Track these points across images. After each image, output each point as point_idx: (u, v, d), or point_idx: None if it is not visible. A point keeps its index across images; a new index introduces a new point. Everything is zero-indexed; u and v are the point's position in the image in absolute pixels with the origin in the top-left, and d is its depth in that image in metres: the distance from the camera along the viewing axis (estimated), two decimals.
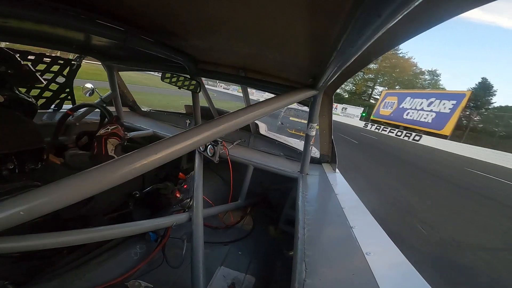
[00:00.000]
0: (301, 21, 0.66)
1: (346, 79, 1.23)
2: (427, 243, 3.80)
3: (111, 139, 1.50)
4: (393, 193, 6.01)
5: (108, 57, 2.08)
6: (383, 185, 6.56)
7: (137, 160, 0.65)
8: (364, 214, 1.32)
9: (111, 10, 0.84)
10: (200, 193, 1.56)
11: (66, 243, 0.98)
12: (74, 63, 1.96)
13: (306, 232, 0.99)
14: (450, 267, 3.30)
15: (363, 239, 0.98)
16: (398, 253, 0.96)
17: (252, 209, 2.28)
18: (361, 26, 0.48)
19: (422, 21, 0.54)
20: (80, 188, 0.59)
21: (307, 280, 0.72)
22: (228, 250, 1.76)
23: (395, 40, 0.66)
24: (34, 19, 0.70)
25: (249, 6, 0.63)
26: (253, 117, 0.97)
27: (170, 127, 2.64)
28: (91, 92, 2.32)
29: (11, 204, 0.54)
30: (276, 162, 2.10)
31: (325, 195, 1.56)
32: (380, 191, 5.89)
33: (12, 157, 0.91)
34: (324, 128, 1.89)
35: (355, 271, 0.80)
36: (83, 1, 0.76)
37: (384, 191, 6.00)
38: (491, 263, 3.60)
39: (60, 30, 1.20)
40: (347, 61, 0.71)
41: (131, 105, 2.87)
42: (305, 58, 1.02)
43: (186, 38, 1.12)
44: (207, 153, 1.85)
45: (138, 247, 1.40)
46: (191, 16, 0.81)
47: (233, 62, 1.52)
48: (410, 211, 5.04)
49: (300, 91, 1.26)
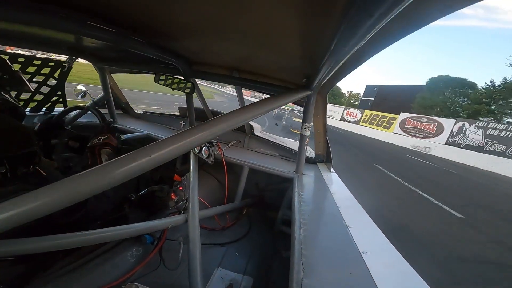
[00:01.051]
0: (294, 22, 0.66)
1: (339, 79, 1.24)
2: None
3: (104, 149, 1.52)
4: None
5: (100, 59, 2.06)
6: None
7: (132, 162, 0.65)
8: (360, 213, 1.33)
9: (103, 12, 0.83)
10: (195, 194, 1.55)
11: (61, 246, 0.97)
12: (66, 65, 1.93)
13: (302, 232, 1.00)
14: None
15: (359, 238, 0.99)
16: (395, 252, 0.97)
17: (248, 209, 2.28)
18: (353, 25, 0.49)
19: (413, 20, 0.55)
20: (73, 191, 0.58)
21: (304, 280, 0.72)
22: (225, 251, 1.76)
23: (387, 40, 0.67)
24: (24, 21, 0.69)
25: (241, 7, 0.63)
26: (247, 118, 0.97)
27: (164, 129, 2.62)
28: (83, 95, 2.30)
29: (4, 208, 0.53)
30: (271, 162, 2.10)
31: (321, 195, 1.57)
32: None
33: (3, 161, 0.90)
34: (318, 128, 1.91)
35: (352, 270, 0.81)
36: (74, 3, 0.75)
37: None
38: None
39: (51, 32, 1.18)
40: (340, 61, 0.71)
41: (124, 107, 2.84)
42: (299, 58, 1.02)
43: (179, 39, 1.12)
44: (202, 154, 1.84)
45: (134, 249, 1.39)
46: (184, 17, 0.81)
47: (226, 63, 1.53)
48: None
49: (294, 91, 1.27)
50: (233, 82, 1.70)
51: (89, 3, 0.77)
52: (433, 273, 3.03)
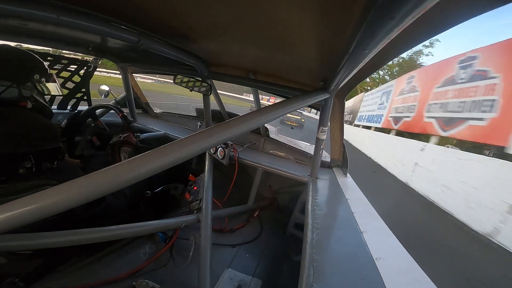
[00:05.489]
0: (311, 24, 0.65)
1: (358, 82, 1.21)
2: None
3: (124, 147, 1.58)
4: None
5: (123, 59, 2.14)
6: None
7: (149, 161, 0.66)
8: (375, 219, 1.28)
9: (127, 13, 0.86)
10: (209, 195, 1.57)
11: (78, 241, 1.00)
12: (91, 65, 2.03)
13: (315, 236, 0.97)
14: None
15: (373, 244, 0.96)
16: (409, 259, 0.93)
17: (260, 212, 2.27)
18: (373, 27, 0.47)
19: (435, 24, 0.52)
20: (94, 187, 0.60)
21: (314, 284, 0.70)
22: (235, 252, 1.76)
23: (409, 43, 0.64)
24: (53, 21, 0.72)
25: (258, 9, 0.63)
26: (263, 120, 0.97)
27: (181, 129, 2.68)
28: (107, 94, 2.40)
29: (27, 201, 0.55)
30: (285, 165, 2.08)
31: (335, 200, 1.54)
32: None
33: (30, 156, 0.95)
34: (335, 132, 1.86)
35: (363, 277, 0.78)
36: (100, 4, 0.78)
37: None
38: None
39: (78, 32, 1.24)
40: (359, 63, 0.69)
41: (144, 107, 2.93)
42: (316, 61, 1.01)
43: (197, 41, 1.14)
44: (218, 155, 1.86)
45: (148, 247, 1.42)
46: (202, 19, 0.82)
47: (243, 65, 1.53)
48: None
49: (310, 94, 1.25)
50: (250, 84, 1.70)
51: (115, 5, 0.80)
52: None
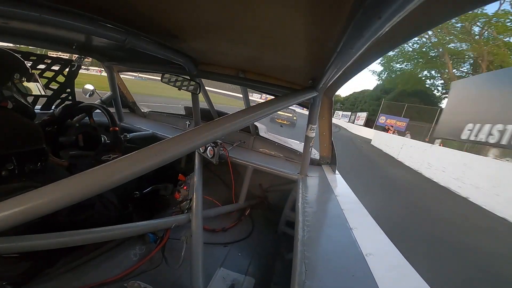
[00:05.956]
0: (300, 23, 0.66)
1: (346, 81, 1.23)
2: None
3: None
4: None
5: (108, 57, 2.09)
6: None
7: (137, 161, 0.65)
8: (364, 216, 1.32)
9: (112, 11, 0.84)
10: (199, 194, 1.56)
11: (66, 244, 0.98)
12: (75, 64, 1.96)
13: (306, 233, 0.99)
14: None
15: (362, 240, 0.98)
16: (398, 255, 0.96)
17: (252, 210, 2.27)
18: (361, 27, 0.48)
19: (422, 23, 0.54)
20: (79, 189, 0.59)
21: (307, 281, 0.71)
22: (227, 251, 1.76)
23: (395, 41, 0.66)
24: (36, 20, 0.70)
25: (248, 8, 0.63)
26: (253, 118, 0.97)
27: (169, 128, 2.64)
28: (91, 93, 2.33)
29: (11, 204, 0.53)
30: (276, 163, 2.10)
31: (325, 197, 1.56)
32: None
33: (11, 158, 0.91)
34: (324, 130, 1.89)
35: (355, 273, 0.80)
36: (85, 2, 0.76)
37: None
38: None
39: (61, 31, 1.20)
40: (346, 62, 0.71)
41: (131, 106, 2.87)
42: (305, 59, 1.02)
43: (186, 39, 1.13)
44: (207, 154, 1.85)
45: (138, 248, 1.40)
46: (191, 18, 0.81)
47: (232, 63, 1.53)
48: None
49: (299, 92, 1.26)
50: (239, 82, 1.70)
51: (100, 3, 0.78)
52: None
